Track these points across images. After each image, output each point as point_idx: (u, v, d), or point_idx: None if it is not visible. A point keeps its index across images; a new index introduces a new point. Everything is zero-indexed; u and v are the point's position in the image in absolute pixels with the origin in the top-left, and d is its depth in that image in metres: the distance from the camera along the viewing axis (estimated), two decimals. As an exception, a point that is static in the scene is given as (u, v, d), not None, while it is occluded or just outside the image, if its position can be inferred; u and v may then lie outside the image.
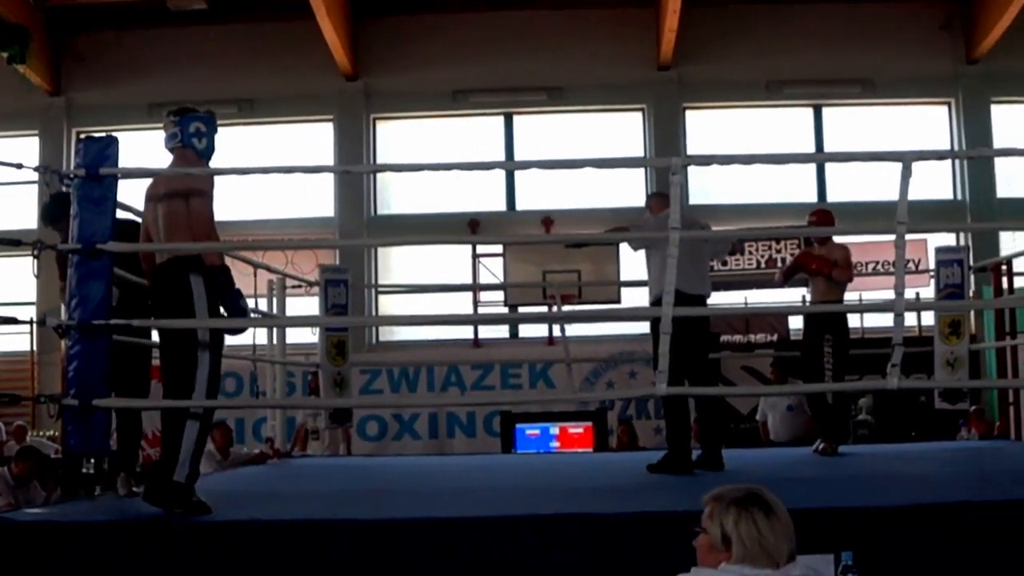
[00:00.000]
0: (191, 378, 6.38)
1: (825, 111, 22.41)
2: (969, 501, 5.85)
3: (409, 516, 5.91)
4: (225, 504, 6.76)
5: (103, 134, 6.80)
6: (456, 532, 5.57)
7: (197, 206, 6.52)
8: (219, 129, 6.78)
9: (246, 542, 5.65)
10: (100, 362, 6.39)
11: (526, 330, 21.49)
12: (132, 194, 7.17)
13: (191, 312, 6.42)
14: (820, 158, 22.78)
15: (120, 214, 6.81)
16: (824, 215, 11.50)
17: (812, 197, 21.75)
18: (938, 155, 7.20)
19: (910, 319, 18.76)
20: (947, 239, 21.55)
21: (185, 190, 6.53)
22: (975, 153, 21.33)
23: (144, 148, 21.75)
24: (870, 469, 8.81)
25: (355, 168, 21.84)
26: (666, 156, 21.09)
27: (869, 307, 10.64)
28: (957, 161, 21.96)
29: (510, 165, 23.56)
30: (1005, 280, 12.08)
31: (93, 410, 6.30)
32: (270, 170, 7.13)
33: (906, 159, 6.32)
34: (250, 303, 7.23)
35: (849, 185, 21.36)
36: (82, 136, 8.05)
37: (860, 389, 8.78)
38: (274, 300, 11.69)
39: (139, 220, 6.88)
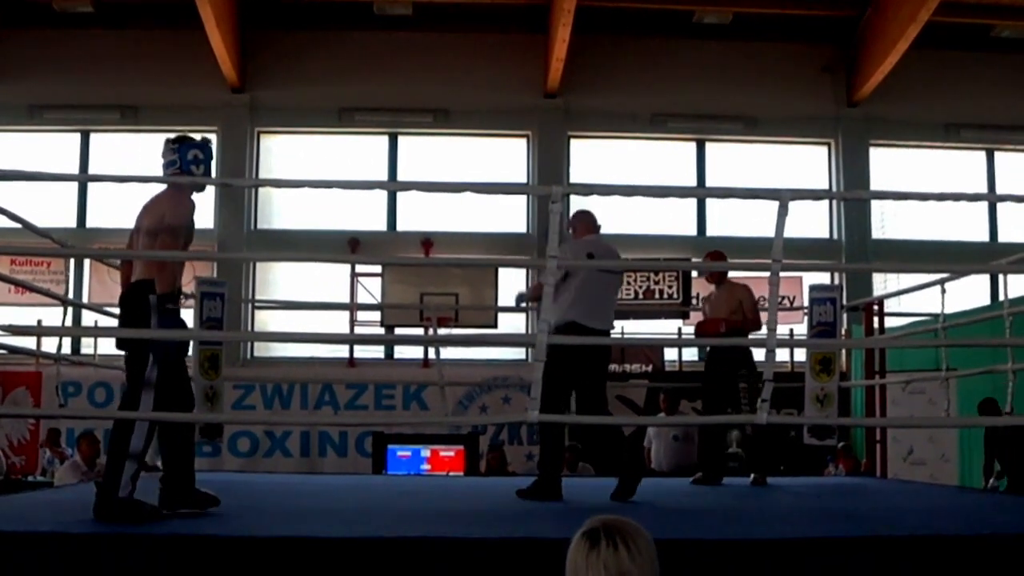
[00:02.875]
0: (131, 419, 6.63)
1: (708, 146, 22.65)
2: (831, 537, 5.92)
3: (274, 534, 5.84)
4: (84, 513, 6.66)
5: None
6: (323, 552, 5.51)
7: (167, 238, 6.88)
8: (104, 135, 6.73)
9: (112, 557, 5.53)
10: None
11: (401, 351, 21.39)
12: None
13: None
14: (700, 193, 23.11)
15: None
16: (718, 256, 11.43)
17: (692, 230, 22.06)
18: (815, 195, 7.34)
19: (783, 355, 18.99)
20: (822, 278, 22.01)
21: (161, 225, 6.92)
22: (850, 195, 21.71)
23: (25, 150, 21.76)
24: (743, 503, 8.86)
25: (236, 182, 21.57)
26: (549, 183, 21.14)
27: (741, 342, 10.75)
28: (834, 201, 22.31)
29: (391, 186, 23.61)
30: (876, 320, 12.29)
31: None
32: (148, 179, 6.88)
33: (783, 197, 6.41)
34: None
35: (729, 220, 21.59)
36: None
37: (730, 422, 8.78)
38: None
39: None
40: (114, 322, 7.48)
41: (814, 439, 11.65)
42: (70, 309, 19.91)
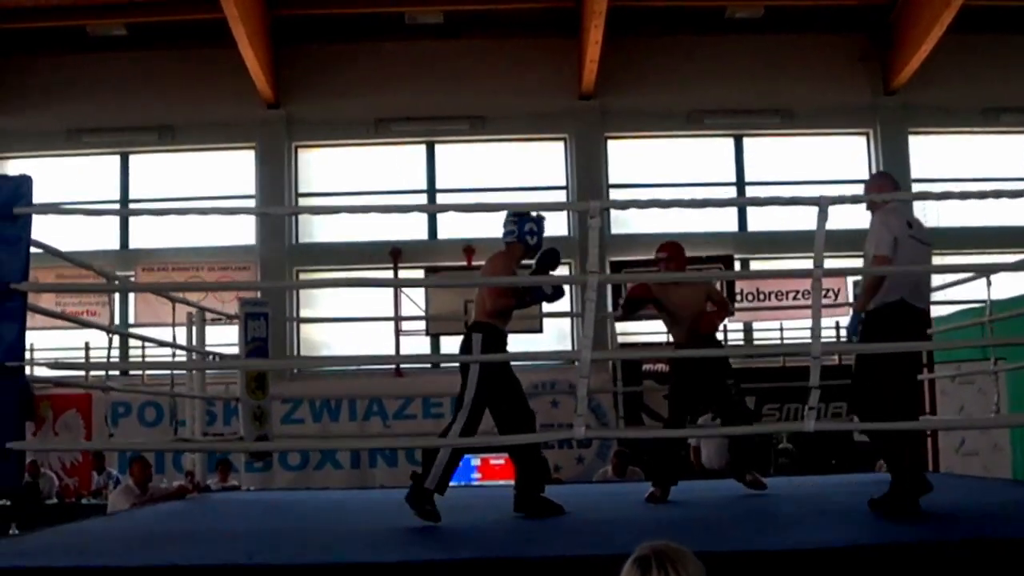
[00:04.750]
0: None
1: (746, 140, 22.60)
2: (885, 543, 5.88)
3: (332, 560, 5.85)
4: (142, 546, 6.68)
5: (17, 172, 6.73)
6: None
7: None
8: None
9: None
10: (12, 404, 6.29)
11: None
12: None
13: None
14: (740, 202, 23.07)
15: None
16: (673, 248, 9.65)
17: (733, 226, 21.97)
18: (854, 199, 7.19)
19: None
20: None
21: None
22: (888, 197, 21.49)
23: (59, 175, 21.93)
24: (797, 504, 8.78)
25: (273, 210, 21.64)
26: (588, 185, 21.27)
27: (788, 350, 10.76)
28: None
29: (430, 208, 23.47)
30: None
31: (7, 452, 6.20)
32: (188, 211, 6.91)
33: (822, 203, 6.37)
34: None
35: (770, 215, 21.49)
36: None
37: (779, 431, 8.71)
38: (193, 331, 11.49)
39: None
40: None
41: (864, 436, 11.53)
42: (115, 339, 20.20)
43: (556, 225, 21.53)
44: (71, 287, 19.61)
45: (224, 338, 15.01)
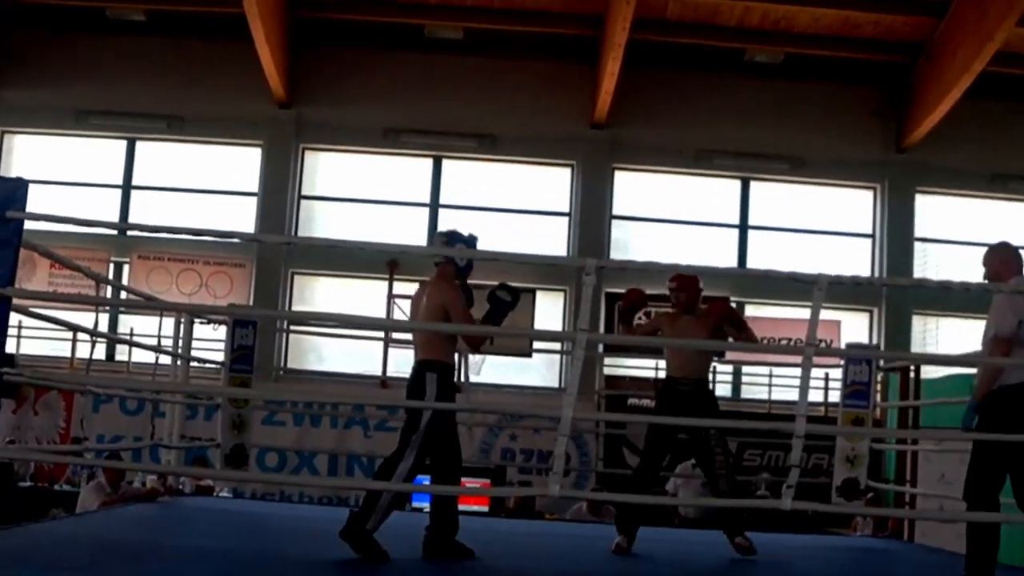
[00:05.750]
0: None
1: (753, 184, 22.60)
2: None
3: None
4: (105, 559, 6.62)
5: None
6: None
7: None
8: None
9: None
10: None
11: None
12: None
13: None
14: (740, 272, 23.00)
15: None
16: (685, 280, 9.46)
17: (733, 262, 21.90)
18: (854, 280, 7.11)
19: (817, 396, 18.90)
20: (860, 319, 21.93)
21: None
22: (890, 282, 21.58)
23: (71, 154, 21.99)
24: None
25: (265, 238, 21.52)
26: (592, 213, 21.40)
27: (777, 418, 10.89)
28: (877, 245, 22.21)
29: (419, 249, 23.40)
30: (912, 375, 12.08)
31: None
32: (177, 230, 6.86)
33: (820, 282, 6.33)
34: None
35: (770, 255, 21.46)
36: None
37: (755, 506, 8.58)
38: (180, 331, 11.39)
39: None
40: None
41: (842, 499, 11.47)
42: (104, 315, 20.14)
43: (556, 246, 21.60)
44: (59, 297, 19.21)
45: (214, 333, 14.95)
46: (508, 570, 7.76)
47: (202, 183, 22.06)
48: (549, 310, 21.04)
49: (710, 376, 9.49)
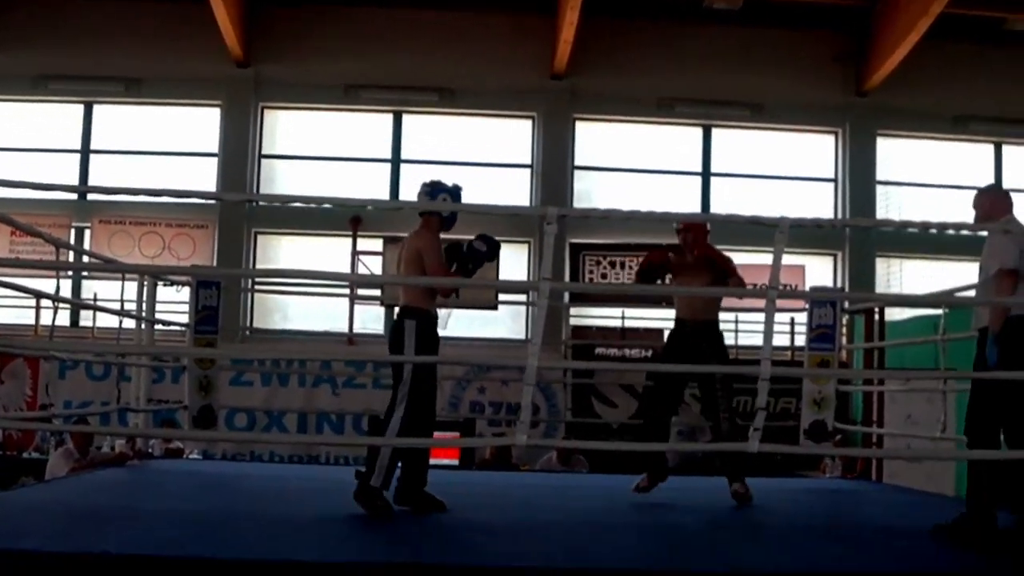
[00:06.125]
0: None
1: (715, 131, 22.63)
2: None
3: (258, 557, 5.76)
4: (73, 526, 6.59)
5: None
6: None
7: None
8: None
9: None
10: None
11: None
12: None
13: None
14: (702, 218, 22.87)
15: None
16: (696, 228, 9.89)
17: (696, 209, 21.88)
18: (816, 222, 7.13)
19: (781, 340, 18.98)
20: (824, 263, 22.00)
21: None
22: (852, 223, 21.68)
23: (29, 119, 21.81)
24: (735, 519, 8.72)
25: (226, 196, 21.36)
26: (554, 164, 21.37)
27: (742, 365, 11.05)
28: (839, 189, 22.27)
29: (385, 202, 23.35)
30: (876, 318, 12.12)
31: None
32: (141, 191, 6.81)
33: (783, 224, 6.32)
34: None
35: (733, 202, 21.44)
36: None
37: (720, 449, 8.56)
38: (144, 293, 11.29)
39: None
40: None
41: (811, 442, 11.51)
42: (68, 281, 20.03)
43: (519, 197, 21.57)
44: (21, 263, 19.01)
45: (178, 296, 14.86)
46: (478, 521, 7.74)
47: (161, 145, 21.90)
48: (514, 263, 21.00)
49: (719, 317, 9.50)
